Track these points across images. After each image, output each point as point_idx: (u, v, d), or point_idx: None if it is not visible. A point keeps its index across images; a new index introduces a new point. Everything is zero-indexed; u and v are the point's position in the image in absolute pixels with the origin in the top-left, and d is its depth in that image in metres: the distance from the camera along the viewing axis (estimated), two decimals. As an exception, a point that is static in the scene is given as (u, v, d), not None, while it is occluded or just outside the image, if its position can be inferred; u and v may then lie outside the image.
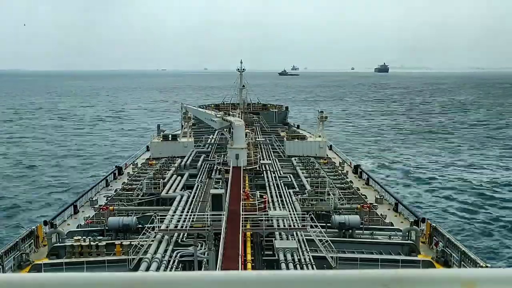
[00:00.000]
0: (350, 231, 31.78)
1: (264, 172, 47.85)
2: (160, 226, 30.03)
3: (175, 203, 36.78)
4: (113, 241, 30.14)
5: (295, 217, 32.25)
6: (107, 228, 32.23)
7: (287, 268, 25.28)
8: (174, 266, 26.57)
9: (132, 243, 28.78)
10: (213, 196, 33.13)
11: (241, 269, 24.25)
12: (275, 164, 51.67)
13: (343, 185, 43.96)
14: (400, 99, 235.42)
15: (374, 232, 32.29)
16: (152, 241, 28.76)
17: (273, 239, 29.65)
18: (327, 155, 59.25)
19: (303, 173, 47.09)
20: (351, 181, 46.47)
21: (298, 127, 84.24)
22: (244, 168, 47.64)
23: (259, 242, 30.89)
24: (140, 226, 31.60)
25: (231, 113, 64.79)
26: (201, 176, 46.62)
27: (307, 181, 42.93)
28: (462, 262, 27.32)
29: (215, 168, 48.28)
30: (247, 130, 58.09)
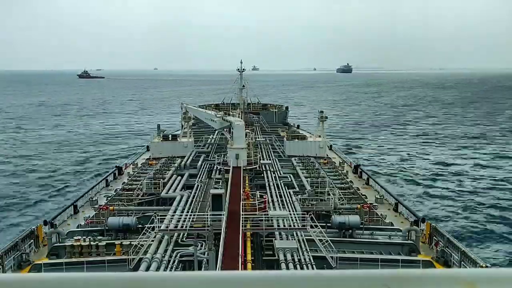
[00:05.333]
0: (350, 231, 31.82)
1: (264, 172, 47.84)
2: (160, 226, 30.03)
3: (175, 203, 36.80)
4: (113, 241, 30.21)
5: (295, 217, 32.21)
6: (107, 228, 32.30)
7: (287, 268, 25.28)
8: (174, 266, 26.61)
9: (132, 243, 28.83)
10: (213, 196, 33.12)
11: (241, 269, 24.25)
12: (275, 164, 51.66)
13: (343, 185, 43.97)
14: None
15: (374, 232, 32.36)
16: (152, 241, 28.78)
17: (273, 239, 29.67)
18: (327, 155, 59.27)
19: (303, 173, 47.10)
20: (351, 181, 46.47)
21: (298, 127, 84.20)
22: (244, 168, 47.62)
23: (259, 242, 30.91)
24: (140, 226, 31.63)
25: (231, 113, 64.85)
26: (201, 176, 46.62)
27: (307, 181, 42.92)
28: (462, 262, 27.33)
29: (215, 168, 48.26)
30: (247, 130, 58.04)
